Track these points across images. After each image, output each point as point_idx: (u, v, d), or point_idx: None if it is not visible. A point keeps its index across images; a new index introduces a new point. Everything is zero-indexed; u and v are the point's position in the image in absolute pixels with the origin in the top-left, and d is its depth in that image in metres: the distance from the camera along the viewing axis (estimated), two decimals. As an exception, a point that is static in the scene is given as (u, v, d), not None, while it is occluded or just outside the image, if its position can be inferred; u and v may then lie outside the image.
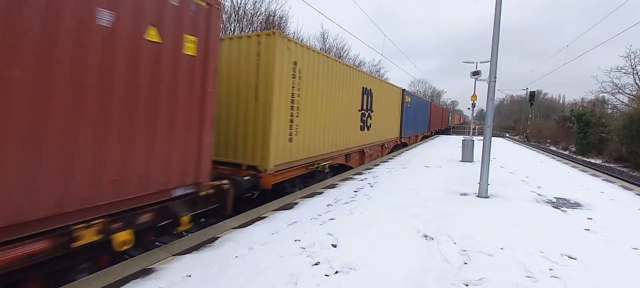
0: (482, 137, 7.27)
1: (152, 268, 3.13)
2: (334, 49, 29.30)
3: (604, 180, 9.74)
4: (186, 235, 4.17)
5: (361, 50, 75.08)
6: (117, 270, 3.08)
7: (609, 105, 28.94)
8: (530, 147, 24.39)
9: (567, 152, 28.72)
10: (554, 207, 6.04)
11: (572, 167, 12.91)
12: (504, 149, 18.87)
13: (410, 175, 8.85)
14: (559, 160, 15.28)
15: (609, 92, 26.81)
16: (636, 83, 24.64)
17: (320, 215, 4.97)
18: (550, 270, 3.41)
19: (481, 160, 6.75)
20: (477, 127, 31.78)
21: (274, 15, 20.84)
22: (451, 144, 19.96)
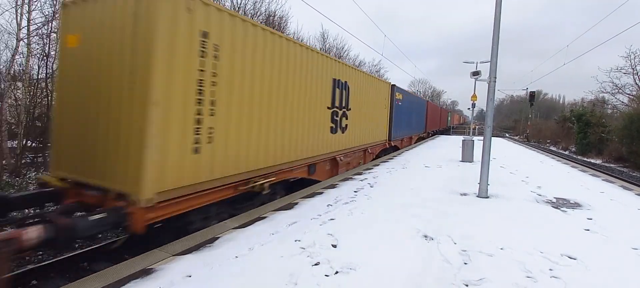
0: (482, 137, 7.27)
1: (152, 268, 3.14)
2: (334, 49, 29.33)
3: (604, 180, 9.74)
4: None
5: (361, 50, 75.20)
6: (117, 270, 3.08)
7: (609, 106, 28.95)
8: (530, 147, 24.39)
9: (567, 152, 28.72)
10: (554, 207, 6.04)
11: (572, 167, 12.91)
12: (504, 149, 18.88)
13: (410, 175, 8.85)
14: (558, 160, 15.28)
15: (609, 92, 26.84)
16: (636, 83, 24.65)
17: (320, 215, 4.98)
18: (550, 270, 3.41)
19: (481, 160, 6.75)
20: (477, 127, 31.78)
21: (274, 15, 20.85)
22: (451, 144, 19.96)
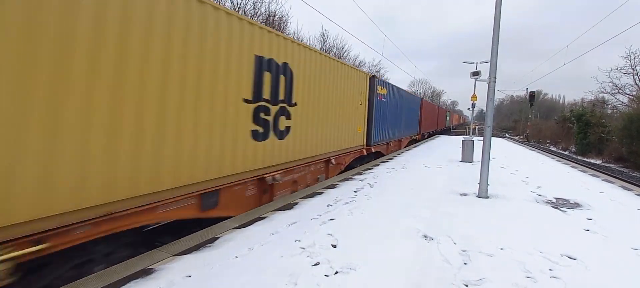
0: (482, 138, 7.27)
1: (152, 268, 3.14)
2: (334, 49, 29.33)
3: (603, 180, 9.74)
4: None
5: (361, 50, 75.20)
6: (117, 270, 3.08)
7: (609, 106, 28.96)
8: (530, 147, 24.39)
9: (567, 152, 28.72)
10: (553, 207, 6.04)
11: (572, 167, 12.91)
12: (504, 149, 18.88)
13: (410, 175, 8.85)
14: (558, 161, 15.28)
15: (609, 93, 26.89)
16: (636, 83, 24.67)
17: (320, 215, 4.98)
18: (550, 270, 3.41)
19: (481, 160, 6.76)
20: (477, 127, 31.79)
21: (274, 16, 20.86)
22: (451, 144, 19.98)
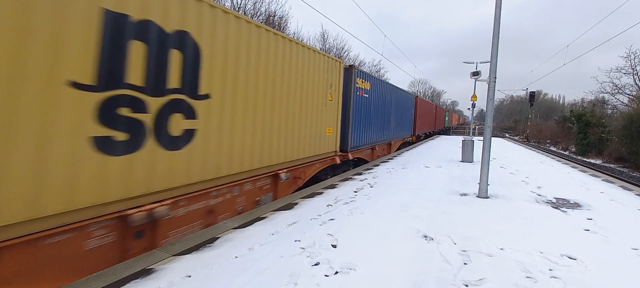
0: (482, 138, 7.27)
1: (152, 268, 3.14)
2: (334, 49, 29.32)
3: (603, 180, 9.74)
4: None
5: (361, 50, 75.17)
6: (117, 270, 3.08)
7: (609, 106, 28.95)
8: (530, 148, 24.39)
9: (567, 153, 28.71)
10: (554, 207, 6.04)
11: (572, 167, 12.91)
12: (504, 149, 18.88)
13: (410, 175, 8.85)
14: (558, 161, 15.28)
15: (609, 93, 26.90)
16: (636, 83, 24.68)
17: (320, 215, 4.98)
18: (550, 270, 3.41)
19: (481, 160, 6.76)
20: (477, 127, 31.79)
21: (274, 16, 20.87)
22: (451, 145, 19.99)
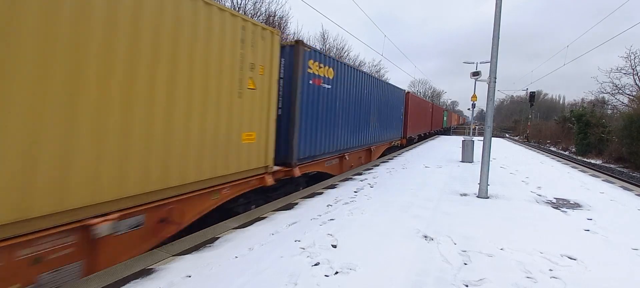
0: (482, 138, 7.27)
1: (152, 268, 3.14)
2: (334, 49, 29.34)
3: (604, 180, 9.74)
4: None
5: (362, 50, 75.17)
6: (117, 270, 3.08)
7: (609, 106, 28.93)
8: (530, 148, 24.39)
9: (567, 153, 28.70)
10: (554, 207, 6.04)
11: (572, 167, 12.90)
12: (504, 150, 18.88)
13: (410, 175, 8.85)
14: (559, 161, 15.27)
15: (609, 93, 26.85)
16: (636, 83, 24.65)
17: (320, 215, 4.98)
18: (550, 270, 3.41)
19: (481, 160, 6.76)
20: (477, 127, 31.80)
21: (274, 16, 20.87)
22: (451, 145, 20.00)
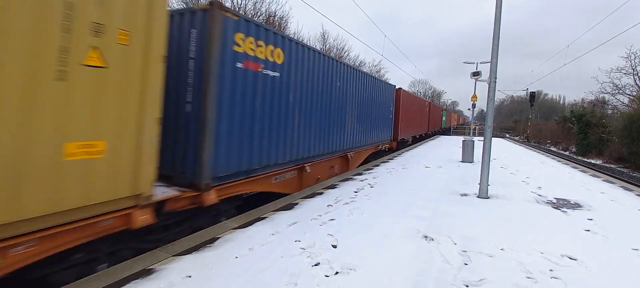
0: (482, 138, 7.26)
1: (152, 268, 3.14)
2: (334, 49, 29.34)
3: (604, 180, 9.73)
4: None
5: (362, 50, 75.25)
6: (118, 271, 3.08)
7: (609, 106, 28.90)
8: (530, 148, 24.39)
9: (567, 153, 28.68)
10: (554, 207, 6.04)
11: (573, 167, 12.90)
12: (505, 150, 18.87)
13: (410, 175, 8.85)
14: (559, 161, 15.27)
15: (609, 93, 26.80)
16: (636, 84, 24.62)
17: (320, 215, 4.98)
18: (550, 271, 3.41)
19: (481, 160, 6.75)
20: (477, 127, 31.79)
21: (274, 16, 20.88)
22: (451, 145, 20.00)
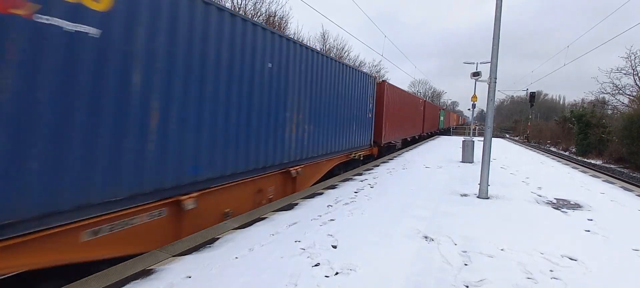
0: (482, 138, 7.26)
1: (152, 269, 3.13)
2: (335, 50, 29.34)
3: (604, 181, 9.73)
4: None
5: (362, 50, 75.34)
6: (117, 271, 3.07)
7: (609, 106, 28.90)
8: (530, 148, 24.38)
9: (567, 153, 28.69)
10: (554, 208, 6.04)
11: (573, 168, 12.90)
12: (505, 150, 18.87)
13: (410, 176, 8.85)
14: (559, 161, 15.27)
15: (609, 93, 26.81)
16: (636, 84, 24.63)
17: (320, 215, 4.97)
18: (550, 271, 3.41)
19: (481, 160, 6.75)
20: (477, 127, 31.79)
21: (274, 16, 20.89)
22: (451, 145, 20.00)
